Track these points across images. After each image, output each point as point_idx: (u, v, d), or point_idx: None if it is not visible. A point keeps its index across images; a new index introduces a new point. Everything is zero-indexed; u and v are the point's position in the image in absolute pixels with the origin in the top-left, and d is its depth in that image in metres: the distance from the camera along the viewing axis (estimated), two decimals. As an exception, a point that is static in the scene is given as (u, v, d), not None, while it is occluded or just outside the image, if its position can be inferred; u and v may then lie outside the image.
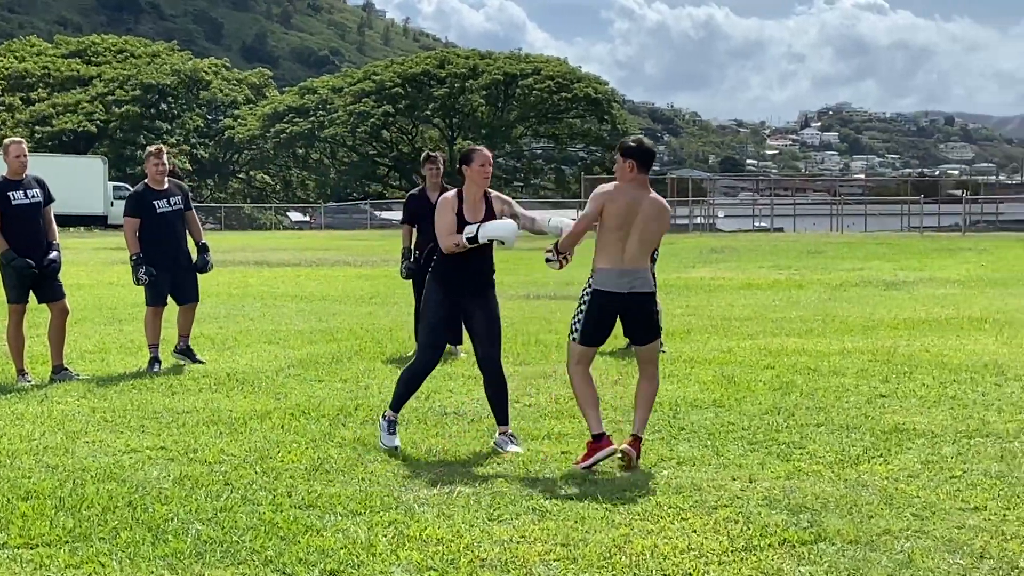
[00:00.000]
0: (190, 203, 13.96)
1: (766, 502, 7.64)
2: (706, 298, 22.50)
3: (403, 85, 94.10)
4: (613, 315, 8.83)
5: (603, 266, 8.72)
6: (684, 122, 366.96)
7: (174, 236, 13.68)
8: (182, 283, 13.76)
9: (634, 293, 8.76)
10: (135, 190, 13.91)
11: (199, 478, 8.38)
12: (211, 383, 12.41)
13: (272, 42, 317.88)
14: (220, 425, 10.22)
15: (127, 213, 13.75)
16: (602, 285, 8.73)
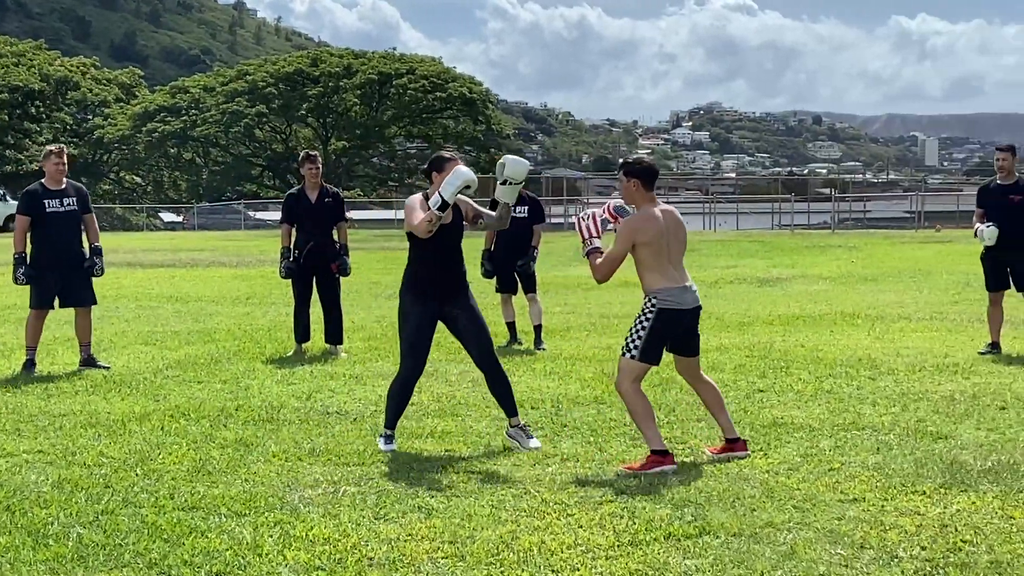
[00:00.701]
0: (89, 206, 13.71)
1: (650, 497, 7.71)
2: (584, 296, 22.64)
3: (276, 84, 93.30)
4: (677, 331, 8.83)
5: (666, 285, 8.73)
6: (557, 122, 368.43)
7: (64, 238, 13.41)
8: (72, 286, 13.46)
9: (697, 308, 8.96)
10: (30, 188, 13.67)
11: (79, 481, 8.26)
12: (88, 385, 12.22)
13: (142, 41, 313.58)
14: (99, 427, 10.07)
15: (18, 210, 13.54)
16: (669, 304, 8.71)
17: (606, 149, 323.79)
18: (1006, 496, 7.62)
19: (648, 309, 8.74)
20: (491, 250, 15.26)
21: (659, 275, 8.74)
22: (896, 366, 12.93)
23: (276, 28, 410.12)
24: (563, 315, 18.83)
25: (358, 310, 19.63)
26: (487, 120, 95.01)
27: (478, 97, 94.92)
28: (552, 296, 22.05)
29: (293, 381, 12.43)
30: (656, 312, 8.70)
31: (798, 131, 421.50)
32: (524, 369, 13.05)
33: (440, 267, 9.26)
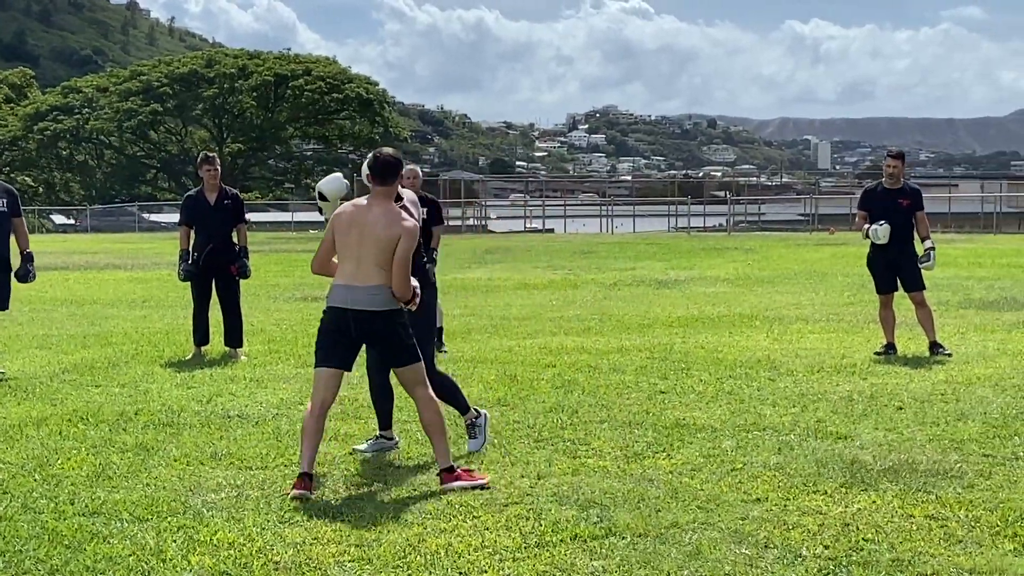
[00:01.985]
0: (18, 208, 13.46)
1: (555, 498, 7.72)
2: (484, 298, 22.67)
3: (171, 85, 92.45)
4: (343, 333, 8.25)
5: (336, 282, 8.23)
6: (454, 124, 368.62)
7: None
8: None
9: (357, 310, 8.17)
10: None
11: (-24, 487, 8.12)
12: (-19, 390, 12.02)
13: (32, 41, 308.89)
14: (-6, 433, 9.91)
15: None
16: (332, 301, 8.21)
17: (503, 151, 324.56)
18: (905, 495, 7.73)
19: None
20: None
21: (338, 268, 8.28)
22: (795, 367, 13.07)
23: (170, 29, 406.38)
24: (463, 317, 18.83)
25: (257, 313, 19.48)
26: (384, 122, 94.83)
27: (375, 98, 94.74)
28: (452, 298, 22.04)
29: (193, 384, 12.30)
30: (325, 310, 8.32)
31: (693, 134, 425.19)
32: (426, 371, 13.00)
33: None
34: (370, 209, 8.20)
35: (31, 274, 13.44)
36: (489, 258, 36.21)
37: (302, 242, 50.83)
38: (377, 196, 8.27)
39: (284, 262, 35.42)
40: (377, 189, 8.26)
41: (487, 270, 31.40)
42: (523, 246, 42.44)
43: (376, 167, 8.25)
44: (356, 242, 8.13)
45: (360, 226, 8.13)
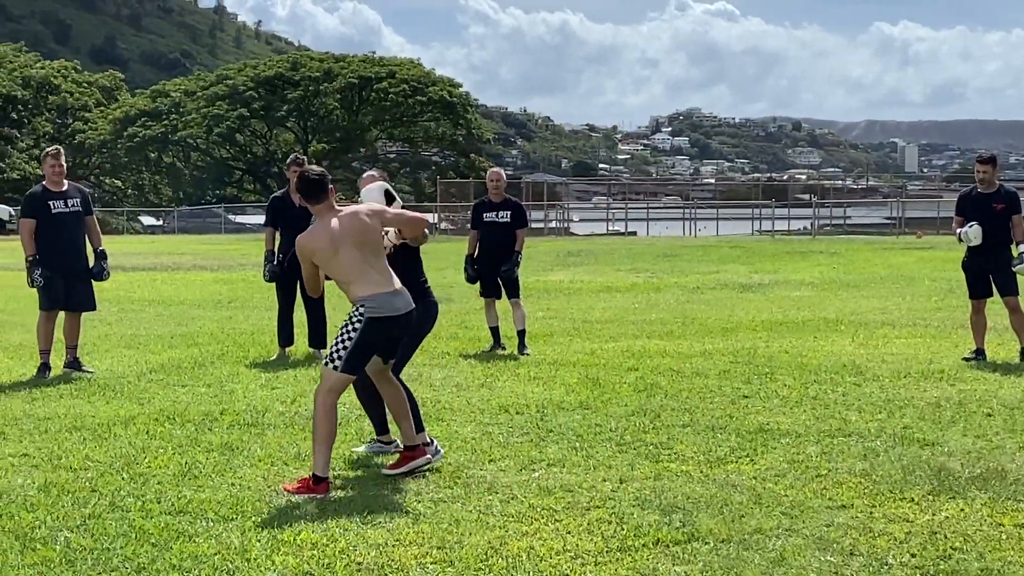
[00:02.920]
0: (91, 207, 13.66)
1: (638, 503, 7.71)
2: (566, 301, 22.63)
3: (257, 88, 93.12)
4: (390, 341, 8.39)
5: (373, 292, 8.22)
6: (537, 126, 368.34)
7: (70, 239, 13.35)
8: (76, 289, 13.40)
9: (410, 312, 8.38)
10: (32, 190, 13.64)
11: (65, 485, 8.23)
12: (72, 389, 12.19)
13: (122, 44, 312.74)
14: (84, 431, 10.04)
15: (23, 214, 13.48)
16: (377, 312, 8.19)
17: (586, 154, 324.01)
18: (995, 503, 7.63)
19: (356, 318, 8.24)
20: (474, 255, 15.25)
21: (358, 284, 8.25)
22: (881, 372, 12.94)
23: (256, 32, 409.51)
24: (546, 320, 18.81)
25: (340, 314, 19.43)
26: (467, 124, 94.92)
27: (458, 101, 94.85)
28: (534, 301, 22.04)
29: (277, 385, 12.40)
30: (365, 322, 8.21)
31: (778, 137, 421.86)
32: (508, 374, 13.02)
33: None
34: (340, 225, 8.21)
35: (105, 272, 13.63)
36: (571, 260, 36.16)
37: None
38: (322, 213, 8.31)
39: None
40: (316, 207, 8.33)
41: (569, 272, 31.35)
42: (605, 249, 42.33)
43: (304, 189, 8.31)
44: (359, 255, 8.21)
45: (347, 242, 8.18)
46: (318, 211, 8.31)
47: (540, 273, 30.65)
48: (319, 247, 8.20)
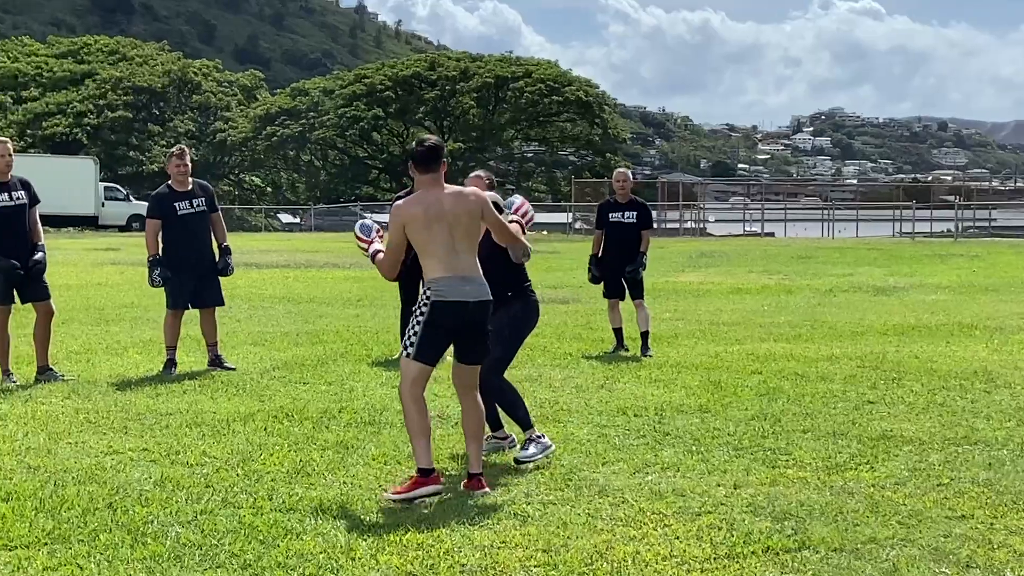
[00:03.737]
0: (215, 205, 13.79)
1: (750, 509, 7.58)
2: (694, 303, 22.46)
3: (394, 88, 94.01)
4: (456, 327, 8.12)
5: (443, 274, 8.00)
6: (676, 126, 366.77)
7: (196, 238, 13.50)
8: (203, 287, 13.56)
9: (482, 302, 8.14)
10: (157, 191, 13.81)
11: (180, 480, 8.32)
12: (195, 385, 12.34)
13: (264, 44, 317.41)
14: (203, 427, 10.15)
15: (148, 214, 13.67)
16: (443, 295, 8.00)
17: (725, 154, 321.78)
18: (1120, 516, 7.39)
19: (423, 302, 8.09)
20: (599, 255, 15.17)
21: (435, 262, 8.04)
22: (1013, 379, 12.63)
23: (396, 32, 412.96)
24: (672, 321, 18.68)
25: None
26: (603, 124, 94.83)
27: (595, 100, 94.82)
28: (662, 302, 21.90)
29: (396, 384, 12.37)
30: (430, 305, 8.05)
31: (923, 137, 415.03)
32: (628, 376, 12.93)
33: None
34: (439, 200, 8.04)
35: (229, 267, 13.76)
36: (703, 261, 35.91)
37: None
38: (427, 185, 8.15)
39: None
40: (422, 178, 8.17)
41: (700, 274, 31.12)
42: (739, 250, 41.98)
43: (419, 155, 8.15)
44: (447, 235, 7.99)
45: (440, 219, 7.99)
46: (423, 182, 8.15)
47: (670, 274, 30.47)
48: (415, 214, 8.02)
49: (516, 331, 9.16)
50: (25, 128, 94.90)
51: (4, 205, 12.53)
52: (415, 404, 8.04)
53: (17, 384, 12.38)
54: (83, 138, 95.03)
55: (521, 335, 9.28)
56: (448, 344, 8.27)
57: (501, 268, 8.87)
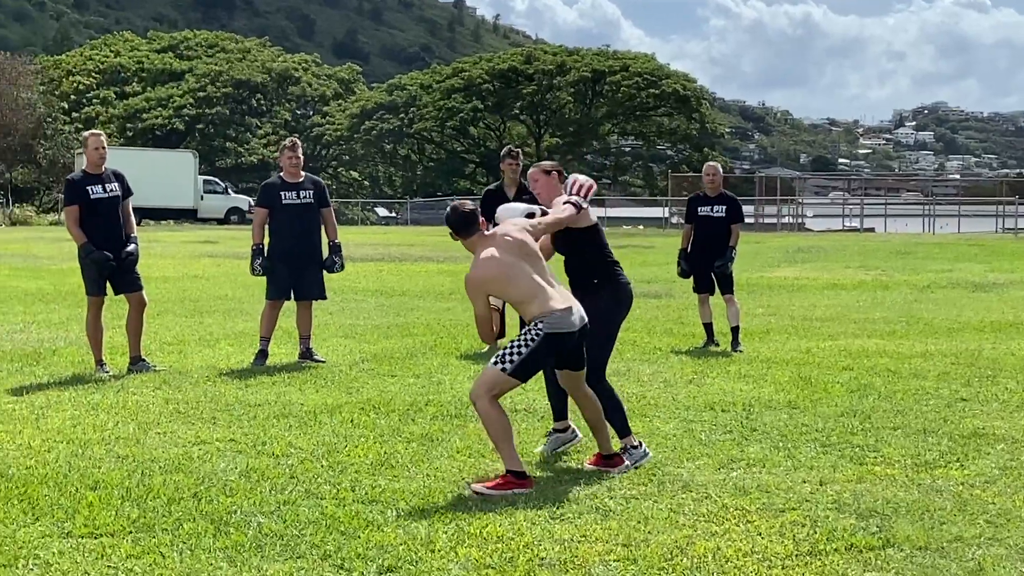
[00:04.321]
0: (327, 199, 13.85)
1: (835, 506, 7.50)
2: (788, 298, 22.26)
3: (491, 82, 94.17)
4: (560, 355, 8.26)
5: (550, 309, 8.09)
6: (775, 120, 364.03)
7: (301, 230, 13.58)
8: (304, 279, 13.66)
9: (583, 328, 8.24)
10: (269, 180, 13.96)
11: (265, 471, 8.38)
12: (285, 377, 12.43)
13: (363, 38, 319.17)
14: (290, 418, 10.22)
15: (256, 203, 13.83)
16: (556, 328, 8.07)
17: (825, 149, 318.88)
18: None
19: (536, 329, 8.10)
20: (687, 250, 15.08)
21: (538, 300, 8.12)
22: (1110, 377, 12.40)
23: (495, 26, 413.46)
24: (764, 317, 18.53)
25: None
26: (701, 118, 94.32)
27: (692, 94, 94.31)
28: (755, 297, 21.75)
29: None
30: (544, 336, 8.07)
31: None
32: (717, 371, 12.85)
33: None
34: (498, 249, 8.15)
35: (336, 264, 13.82)
36: (800, 257, 35.58)
37: (614, 238, 50.75)
38: (476, 244, 8.28)
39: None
40: (469, 241, 8.31)
41: (796, 269, 30.85)
42: (837, 245, 41.56)
43: (458, 224, 8.27)
44: (530, 270, 8.15)
45: (520, 259, 8.16)
46: (471, 244, 8.29)
47: (766, 269, 30.23)
48: (492, 274, 8.12)
49: (609, 328, 9.03)
50: (126, 123, 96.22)
51: (98, 197, 12.71)
52: (495, 409, 8.06)
53: (110, 374, 12.55)
54: (183, 132, 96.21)
55: (614, 329, 9.15)
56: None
57: (584, 257, 8.88)
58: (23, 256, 33.86)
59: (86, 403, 10.95)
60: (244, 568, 6.35)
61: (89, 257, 12.63)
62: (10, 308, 19.24)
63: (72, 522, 7.13)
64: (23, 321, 17.35)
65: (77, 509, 7.38)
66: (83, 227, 12.65)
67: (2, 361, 13.44)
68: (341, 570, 6.33)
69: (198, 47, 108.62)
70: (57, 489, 7.87)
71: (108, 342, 13.44)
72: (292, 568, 6.34)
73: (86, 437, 9.49)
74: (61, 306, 19.45)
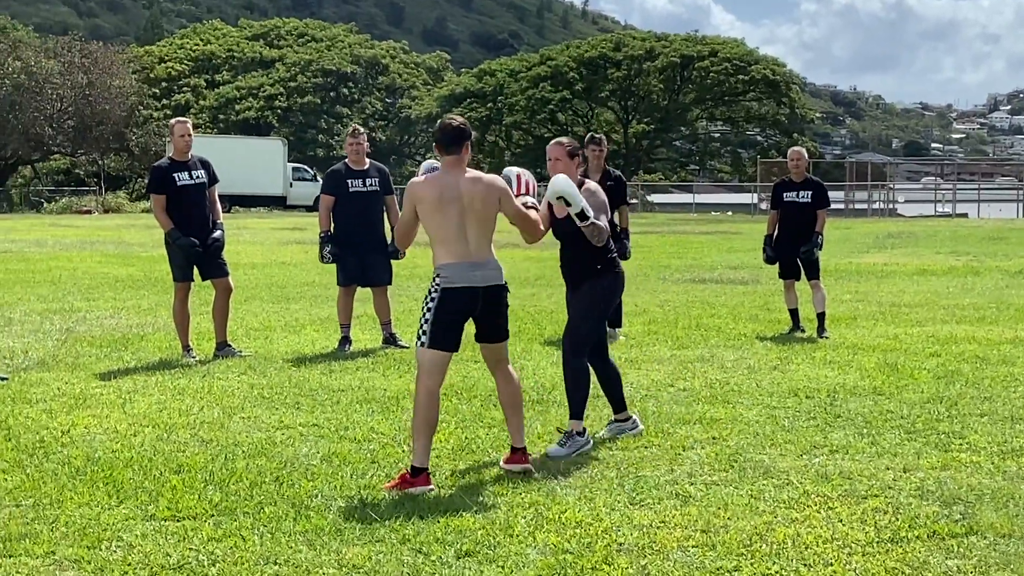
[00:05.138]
0: (390, 187, 13.91)
1: (918, 493, 7.42)
2: (876, 284, 22.02)
3: (579, 69, 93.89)
4: (464, 314, 8.03)
5: (449, 261, 7.91)
6: (867, 105, 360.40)
7: (366, 217, 13.67)
8: (371, 266, 13.73)
9: (494, 287, 8.09)
10: (334, 168, 14.07)
11: (347, 455, 8.43)
12: (368, 362, 12.50)
13: (452, 25, 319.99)
14: (373, 403, 10.28)
15: (323, 190, 13.92)
16: (451, 282, 7.90)
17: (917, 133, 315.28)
18: None
19: (433, 289, 7.98)
20: (773, 236, 14.97)
21: (444, 248, 7.92)
22: None
23: (583, 12, 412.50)
24: (852, 303, 18.35)
25: (643, 294, 19.56)
26: (790, 103, 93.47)
27: (781, 79, 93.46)
28: (843, 283, 21.54)
29: (568, 363, 12.40)
30: (440, 292, 7.93)
31: None
32: (802, 358, 12.74)
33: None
34: (456, 184, 7.91)
35: (400, 252, 13.83)
36: (889, 242, 35.20)
37: (702, 224, 50.76)
38: (448, 167, 8.01)
39: (679, 244, 35.48)
40: (445, 159, 8.03)
41: (885, 255, 30.51)
42: (928, 231, 41.10)
43: (442, 136, 8.02)
44: (457, 220, 7.87)
45: (455, 203, 7.87)
46: (446, 163, 8.04)
47: (855, 255, 29.93)
48: (427, 195, 7.90)
49: (605, 307, 9.02)
50: (217, 113, 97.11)
51: (184, 184, 12.84)
52: (427, 397, 7.87)
53: (196, 360, 12.68)
54: (273, 121, 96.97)
55: (607, 310, 9.10)
56: (461, 330, 8.10)
57: (587, 243, 8.76)
58: (115, 243, 34.30)
59: (172, 388, 11.08)
60: (323, 551, 6.39)
61: (176, 243, 12.78)
62: (100, 295, 19.51)
63: (156, 505, 7.22)
64: (113, 307, 17.59)
65: (161, 492, 7.48)
66: (170, 214, 12.79)
67: (91, 346, 13.63)
68: (419, 554, 6.36)
69: (288, 35, 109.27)
70: (142, 472, 7.97)
71: (195, 328, 13.60)
72: (371, 552, 6.38)
73: (171, 421, 9.60)
74: (150, 292, 19.70)
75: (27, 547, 6.44)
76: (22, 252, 30.29)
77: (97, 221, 51.90)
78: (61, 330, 15.01)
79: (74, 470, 8.04)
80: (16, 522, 6.87)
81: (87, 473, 7.96)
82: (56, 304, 17.96)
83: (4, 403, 10.32)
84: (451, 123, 8.09)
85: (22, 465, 8.21)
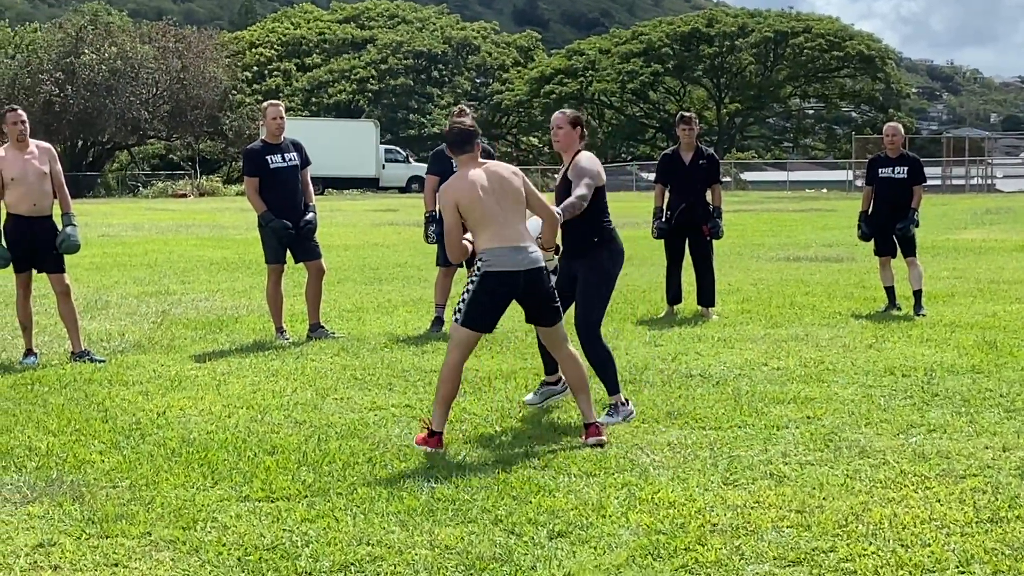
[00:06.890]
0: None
1: (1018, 472, 7.30)
2: (974, 260, 21.70)
3: (671, 45, 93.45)
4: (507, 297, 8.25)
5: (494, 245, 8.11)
6: (964, 80, 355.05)
7: None
8: None
9: (534, 270, 8.20)
10: (439, 148, 14.06)
11: (439, 436, 8.43)
12: (461, 343, 12.48)
13: (543, 5, 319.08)
14: (465, 384, 10.21)
15: (428, 171, 13.89)
16: (493, 266, 8.11)
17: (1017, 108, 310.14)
18: None
19: (475, 271, 8.22)
20: (868, 212, 14.77)
21: (488, 233, 8.14)
22: None
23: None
24: (949, 280, 18.08)
25: (736, 272, 19.42)
26: (886, 78, 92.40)
27: (877, 55, 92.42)
28: (941, 260, 21.25)
29: (660, 343, 12.36)
30: (481, 275, 8.15)
31: None
32: (899, 335, 12.57)
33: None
34: (484, 174, 8.20)
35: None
36: (988, 218, 34.70)
37: (796, 201, 50.35)
38: (466, 164, 8.28)
39: (773, 222, 35.19)
40: (461, 158, 8.32)
41: (984, 231, 30.06)
42: (1028, 206, 40.47)
43: (453, 139, 8.32)
44: (497, 206, 8.12)
45: (489, 192, 8.13)
46: (462, 161, 8.31)
47: (952, 231, 29.52)
48: (465, 189, 8.13)
49: (607, 284, 9.15)
50: (310, 96, 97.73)
51: (277, 166, 12.90)
52: (450, 371, 8.21)
53: (290, 341, 12.75)
54: (364, 103, 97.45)
55: (611, 287, 9.22)
56: (499, 313, 8.36)
57: (584, 217, 8.80)
58: (209, 226, 34.64)
59: (266, 369, 11.15)
60: (416, 532, 6.39)
61: (268, 225, 12.84)
62: (196, 277, 19.70)
63: (249, 486, 7.26)
64: (207, 290, 17.75)
65: (255, 473, 7.52)
66: (263, 196, 12.86)
67: (186, 329, 13.76)
68: (512, 534, 6.34)
69: (379, 17, 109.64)
70: (236, 454, 8.03)
71: (288, 310, 13.67)
72: (463, 532, 6.37)
73: (265, 403, 9.67)
74: (244, 275, 19.85)
75: (123, 528, 6.50)
76: (120, 236, 30.67)
77: (192, 205, 52.47)
78: (157, 312, 15.16)
79: (169, 451, 8.12)
80: (113, 503, 6.94)
81: (182, 454, 8.03)
82: (152, 287, 18.16)
83: (101, 385, 10.45)
84: (461, 124, 8.40)
85: (118, 446, 8.30)
